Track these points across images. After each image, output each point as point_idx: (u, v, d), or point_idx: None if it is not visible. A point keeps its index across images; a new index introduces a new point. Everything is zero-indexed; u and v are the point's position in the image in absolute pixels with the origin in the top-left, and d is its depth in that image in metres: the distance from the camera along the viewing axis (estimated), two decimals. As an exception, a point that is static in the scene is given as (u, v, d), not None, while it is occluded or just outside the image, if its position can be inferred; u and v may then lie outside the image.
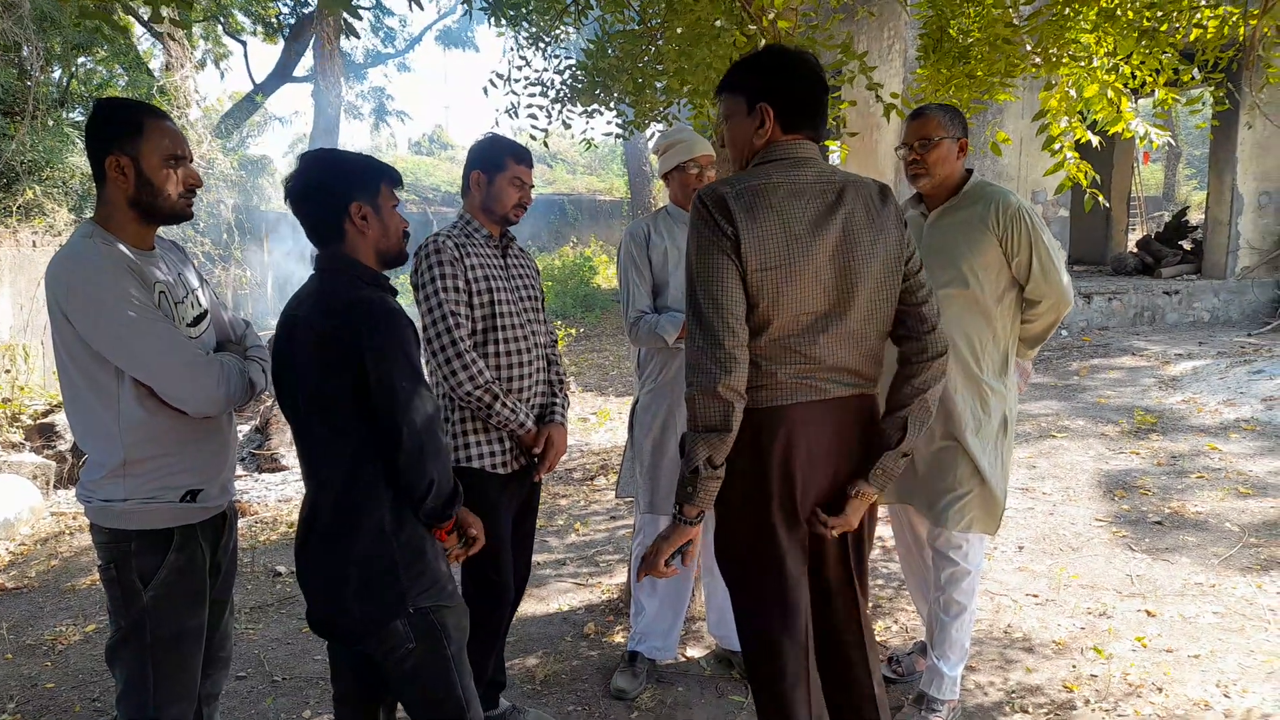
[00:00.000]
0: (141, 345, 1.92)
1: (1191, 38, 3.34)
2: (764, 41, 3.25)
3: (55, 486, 6.06)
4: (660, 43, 3.42)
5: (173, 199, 2.03)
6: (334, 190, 1.98)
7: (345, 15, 2.19)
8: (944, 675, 2.87)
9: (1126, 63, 3.36)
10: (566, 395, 2.90)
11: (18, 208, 8.78)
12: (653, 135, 4.21)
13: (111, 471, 1.98)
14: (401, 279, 7.58)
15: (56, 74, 11.39)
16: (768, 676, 2.04)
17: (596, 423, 7.55)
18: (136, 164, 1.97)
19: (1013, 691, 3.07)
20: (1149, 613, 3.61)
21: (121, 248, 1.99)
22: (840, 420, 2.01)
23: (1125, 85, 3.38)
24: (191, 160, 2.10)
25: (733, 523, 2.03)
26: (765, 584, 2.02)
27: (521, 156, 2.71)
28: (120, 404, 1.96)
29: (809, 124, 2.00)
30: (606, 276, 16.24)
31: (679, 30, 3.21)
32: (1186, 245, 12.42)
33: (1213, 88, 3.63)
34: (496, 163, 2.67)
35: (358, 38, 2.56)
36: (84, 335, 1.92)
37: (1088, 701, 2.98)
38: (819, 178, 1.97)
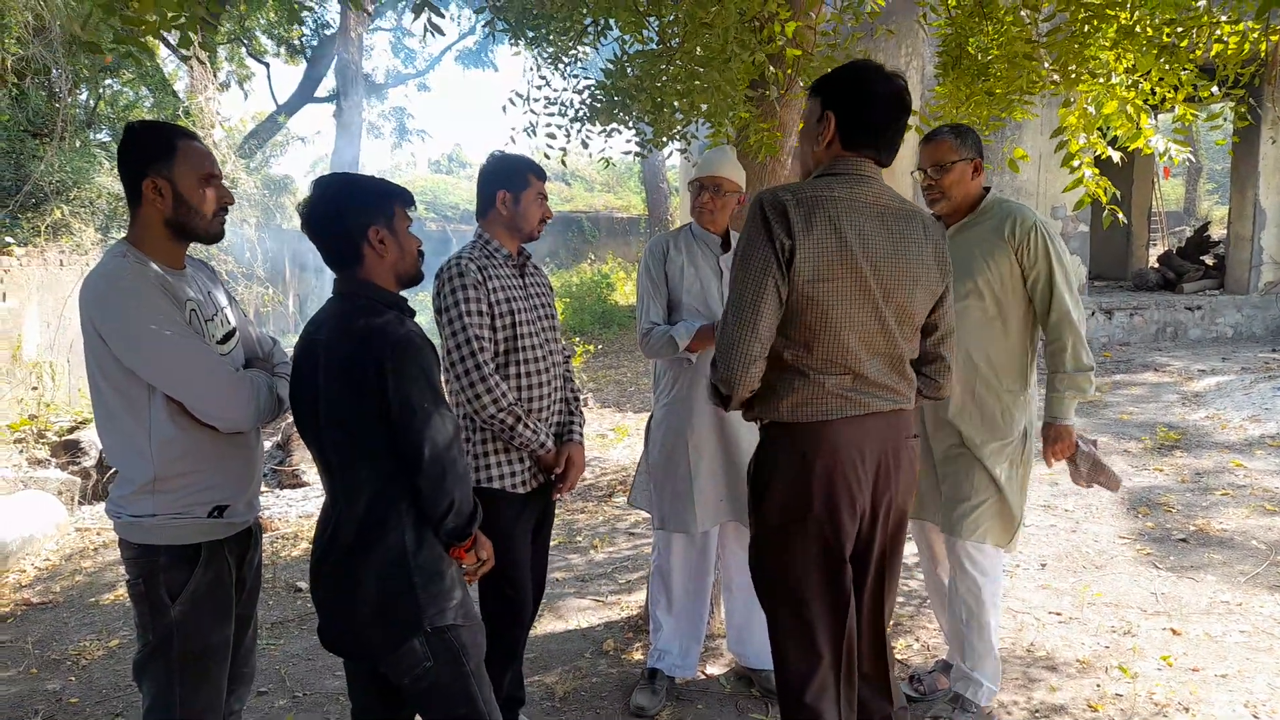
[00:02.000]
0: (174, 362, 1.95)
1: (1212, 53, 3.34)
2: (773, 69, 3.27)
3: (80, 503, 6.12)
4: (679, 63, 3.45)
5: (208, 218, 2.07)
6: (351, 215, 2.00)
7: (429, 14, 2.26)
8: (979, 682, 2.90)
9: (1146, 79, 3.36)
10: (582, 413, 2.91)
11: (46, 227, 8.92)
12: (670, 154, 4.24)
13: (141, 487, 2.01)
14: (421, 297, 7.64)
15: (84, 96, 11.59)
16: (799, 696, 2.03)
17: (615, 439, 7.55)
18: (173, 185, 2.01)
19: (1036, 711, 3.03)
20: (1174, 631, 3.57)
21: (154, 266, 2.02)
22: (881, 434, 2.02)
23: (1145, 101, 3.37)
24: (223, 179, 2.13)
25: (775, 539, 2.04)
26: (806, 601, 2.02)
27: (541, 173, 2.74)
28: (152, 420, 1.99)
29: (872, 144, 2.01)
30: (624, 293, 16.27)
31: (697, 52, 3.24)
32: (1208, 260, 12.32)
33: (1234, 103, 3.61)
34: (522, 180, 2.68)
35: (441, 34, 2.62)
36: (117, 352, 1.95)
37: (1113, 721, 2.95)
38: (876, 199, 1.99)
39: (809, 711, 2.03)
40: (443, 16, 2.59)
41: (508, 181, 2.69)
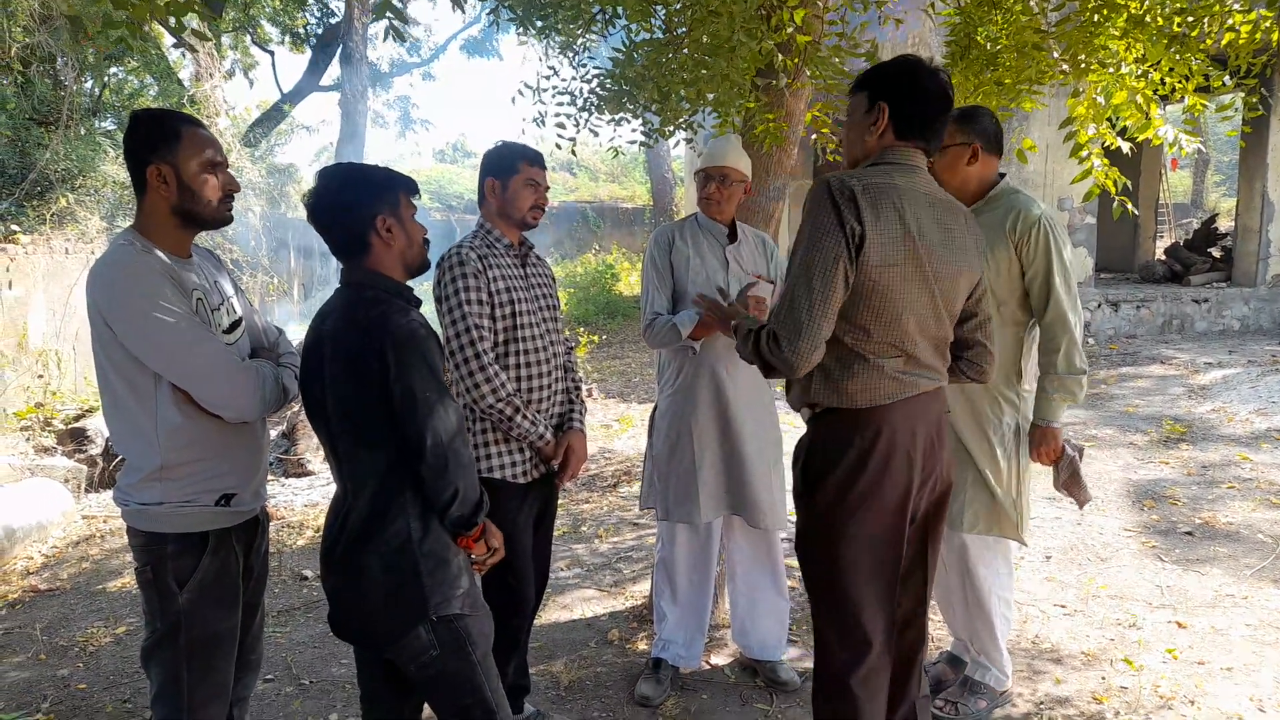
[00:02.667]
0: (180, 351, 1.96)
1: (1223, 43, 3.31)
2: (781, 57, 3.26)
3: (86, 490, 6.15)
4: (685, 52, 3.43)
5: (213, 205, 2.07)
6: (358, 205, 1.99)
7: (391, 18, 2.24)
8: (986, 667, 2.94)
9: (1156, 69, 3.34)
10: (584, 402, 2.91)
11: (51, 215, 8.93)
12: (677, 143, 4.23)
13: (148, 475, 2.02)
14: (424, 287, 7.64)
15: (89, 84, 11.58)
16: (844, 681, 2.07)
17: (619, 429, 7.56)
18: (177, 172, 2.01)
19: (1041, 703, 3.04)
20: (1180, 624, 3.57)
21: (160, 255, 2.02)
22: (927, 412, 2.10)
23: (1154, 92, 3.35)
24: (228, 166, 2.14)
25: (829, 527, 2.05)
26: (859, 586, 2.06)
27: (533, 158, 2.72)
28: (158, 408, 1.99)
29: (922, 135, 2.08)
30: (629, 284, 16.26)
31: (703, 40, 3.22)
32: (1216, 253, 12.26)
33: (1244, 93, 3.59)
34: (509, 167, 2.68)
35: (404, 41, 2.63)
36: (124, 340, 1.95)
37: (1118, 713, 2.95)
38: (926, 188, 2.07)
39: (852, 697, 2.06)
40: (406, 23, 2.58)
41: (495, 169, 2.70)
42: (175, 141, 2.00)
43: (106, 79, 11.93)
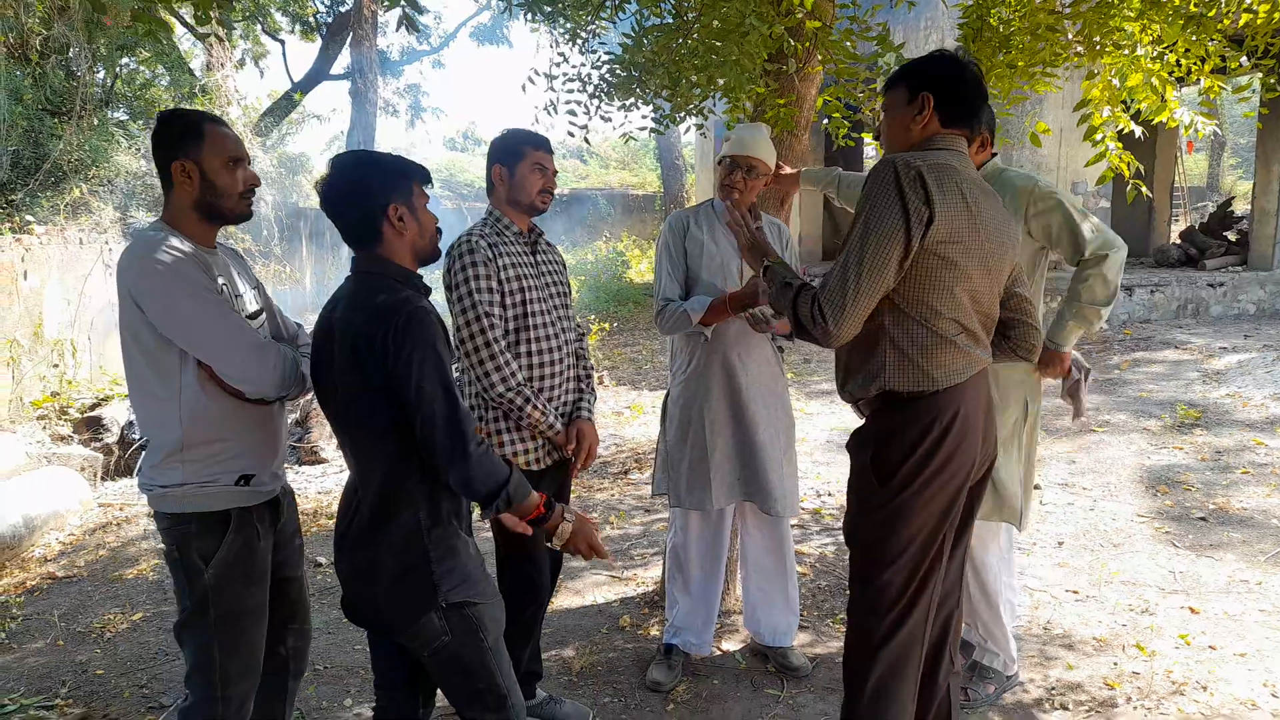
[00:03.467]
0: (205, 325, 2.05)
1: (1241, 24, 3.27)
2: (792, 42, 3.23)
3: (103, 479, 6.20)
4: (695, 37, 3.41)
5: (234, 199, 2.17)
6: (371, 193, 2.00)
7: (405, 7, 2.26)
8: (995, 652, 2.96)
9: (1172, 50, 3.30)
10: (594, 389, 2.91)
11: (65, 205, 8.97)
12: (688, 130, 4.21)
13: (170, 454, 2.10)
14: (434, 276, 7.65)
15: (101, 75, 11.61)
16: (886, 652, 2.12)
17: (630, 416, 7.57)
18: (200, 168, 2.11)
19: (1053, 688, 3.03)
20: (1192, 610, 3.55)
21: (192, 245, 2.12)
22: (983, 388, 2.18)
23: (1170, 74, 3.31)
24: (250, 162, 2.22)
25: (899, 511, 2.08)
26: (921, 566, 2.10)
27: (539, 143, 2.71)
28: (182, 388, 2.09)
29: (965, 122, 2.15)
30: (639, 271, 16.24)
31: (713, 24, 3.20)
32: (1231, 236, 12.15)
33: (1262, 75, 3.54)
34: (515, 152, 2.68)
35: (417, 31, 2.65)
36: (152, 319, 2.04)
37: (1129, 699, 2.94)
38: (974, 172, 2.14)
39: (896, 666, 2.12)
40: (421, 13, 2.58)
41: (501, 155, 2.71)
42: (199, 139, 2.11)
43: (119, 70, 11.96)
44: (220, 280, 2.14)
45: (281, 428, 2.32)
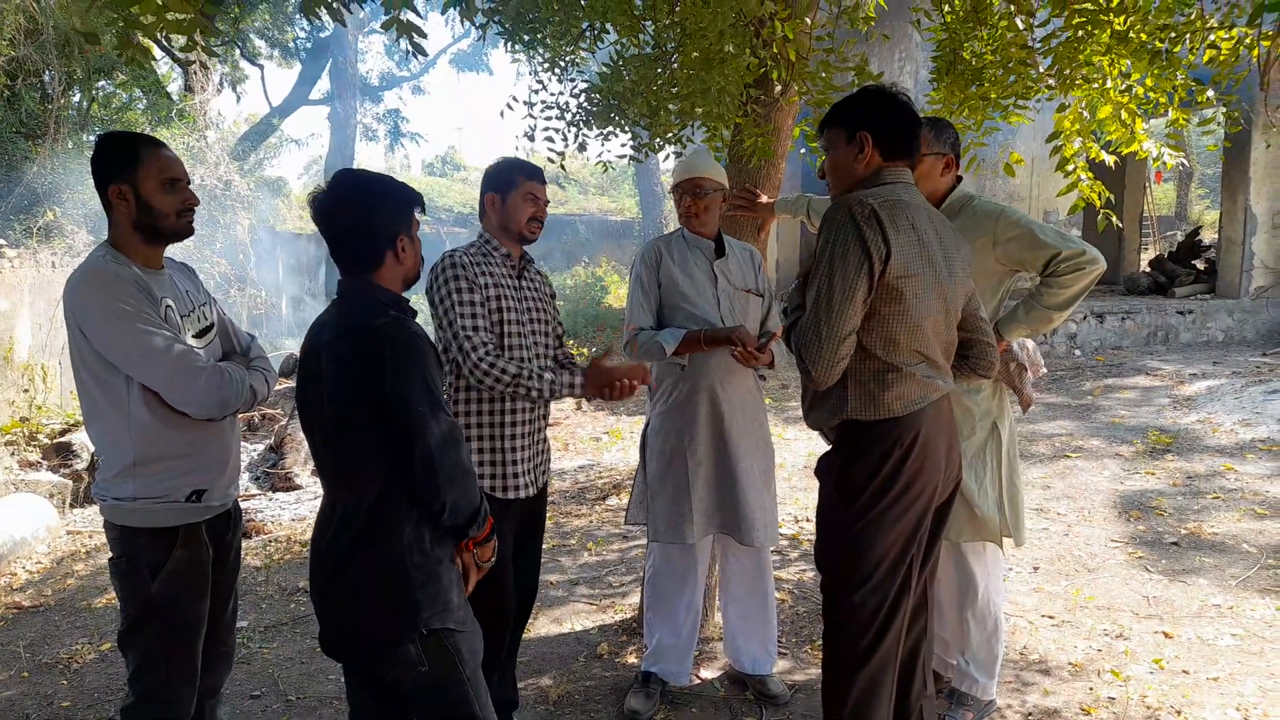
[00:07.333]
0: (144, 352, 2.09)
1: (1205, 59, 3.35)
2: (775, 71, 3.28)
3: (72, 505, 6.09)
4: (675, 66, 3.45)
5: (172, 219, 2.21)
6: (380, 222, 2.00)
7: (412, 35, 2.32)
8: (973, 677, 2.94)
9: (1140, 84, 3.38)
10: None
11: (38, 229, 8.89)
12: (667, 157, 4.25)
13: (123, 470, 2.15)
14: (416, 298, 7.62)
15: (76, 98, 11.54)
16: (859, 673, 2.17)
17: (609, 442, 7.55)
18: (136, 190, 2.15)
19: (1030, 714, 3.04)
20: (1166, 635, 3.58)
21: (131, 267, 2.17)
22: (945, 414, 2.24)
23: (1138, 106, 3.39)
24: (189, 183, 2.26)
25: (864, 534, 2.14)
26: (891, 584, 2.15)
27: (532, 173, 2.75)
28: (130, 409, 2.13)
29: (906, 152, 2.22)
30: (617, 296, 16.29)
31: (693, 55, 3.24)
32: (1200, 265, 12.37)
33: (1225, 108, 3.63)
34: (508, 181, 2.73)
35: (424, 55, 2.68)
36: (96, 345, 2.09)
37: (1106, 725, 2.95)
38: (924, 202, 2.20)
39: (869, 686, 2.17)
40: (425, 37, 2.61)
41: (495, 184, 2.75)
42: (134, 163, 2.15)
43: (94, 93, 11.89)
44: (166, 300, 2.19)
45: (235, 442, 2.37)
